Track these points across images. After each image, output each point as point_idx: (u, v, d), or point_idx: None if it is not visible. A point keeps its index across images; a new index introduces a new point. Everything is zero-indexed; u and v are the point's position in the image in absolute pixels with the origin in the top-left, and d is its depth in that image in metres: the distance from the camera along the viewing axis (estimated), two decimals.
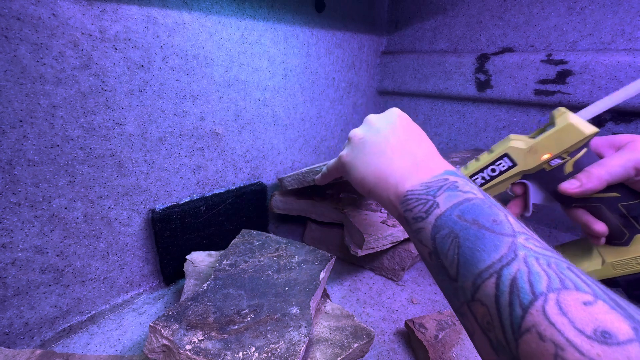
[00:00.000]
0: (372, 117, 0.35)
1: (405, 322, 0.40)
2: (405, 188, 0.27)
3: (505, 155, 0.33)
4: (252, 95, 0.54)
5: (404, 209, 0.26)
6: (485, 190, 0.35)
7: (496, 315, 0.17)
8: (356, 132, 0.34)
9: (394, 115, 0.34)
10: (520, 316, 0.16)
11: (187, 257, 0.44)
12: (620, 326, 0.14)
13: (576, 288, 0.16)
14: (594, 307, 0.15)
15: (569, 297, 0.15)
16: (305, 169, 0.53)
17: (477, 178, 0.35)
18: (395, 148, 0.30)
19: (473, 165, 0.35)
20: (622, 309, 0.15)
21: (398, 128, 0.32)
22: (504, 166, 0.34)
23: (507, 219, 0.21)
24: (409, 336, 0.40)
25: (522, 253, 0.18)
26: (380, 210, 0.51)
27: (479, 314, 0.18)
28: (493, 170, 0.34)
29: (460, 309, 0.21)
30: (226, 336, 0.27)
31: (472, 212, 0.22)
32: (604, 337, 0.14)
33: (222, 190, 0.53)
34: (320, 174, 0.42)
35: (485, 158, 0.35)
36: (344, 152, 0.35)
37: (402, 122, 0.33)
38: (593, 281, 0.17)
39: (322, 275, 0.36)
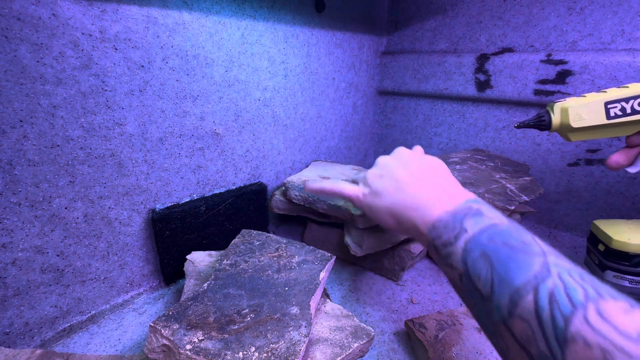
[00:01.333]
0: (383, 159, 0.37)
1: (405, 322, 0.40)
2: (432, 218, 0.28)
3: None
4: (252, 96, 0.54)
5: (433, 237, 0.27)
6: (617, 125, 0.33)
7: (538, 329, 0.18)
8: (374, 172, 0.36)
9: (403, 154, 0.36)
10: (563, 326, 0.17)
11: (187, 257, 0.44)
12: None
13: (612, 297, 0.17)
14: (634, 314, 0.16)
15: (608, 305, 0.17)
16: (315, 187, 0.52)
17: (615, 107, 0.33)
18: (414, 182, 0.32)
19: (615, 92, 0.33)
20: None
21: (410, 164, 0.34)
22: None
23: (535, 240, 0.22)
24: (409, 336, 0.40)
25: (555, 270, 0.19)
26: None
27: (517, 330, 0.19)
28: None
29: (493, 329, 0.21)
30: (226, 336, 0.27)
31: (500, 235, 0.23)
32: None
33: (222, 190, 0.53)
34: (320, 184, 0.40)
35: (638, 87, 0.32)
36: (364, 192, 0.36)
37: (412, 157, 0.35)
38: (626, 297, 0.18)
39: (322, 275, 0.36)
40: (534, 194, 0.48)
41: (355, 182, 0.42)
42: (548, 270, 0.19)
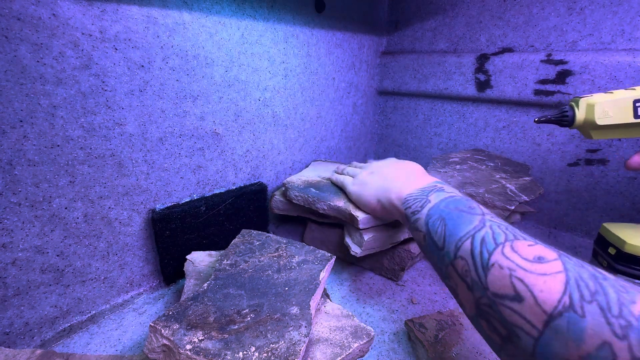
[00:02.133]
0: (374, 162, 0.48)
1: (405, 322, 0.40)
2: (405, 194, 0.36)
3: None
4: (252, 96, 0.54)
5: (405, 207, 0.35)
6: (637, 124, 0.34)
7: (471, 262, 0.24)
8: (366, 171, 0.46)
9: (390, 159, 0.47)
10: (487, 258, 0.23)
11: (187, 257, 0.44)
12: (549, 253, 0.22)
13: (524, 239, 0.24)
14: (535, 247, 0.22)
15: (519, 243, 0.23)
16: (312, 188, 0.52)
17: None
18: (396, 175, 0.41)
19: None
20: (551, 247, 0.23)
21: (393, 162, 0.45)
22: None
23: (479, 206, 0.29)
24: (409, 336, 0.40)
25: (489, 223, 0.26)
26: None
27: (459, 267, 0.25)
28: None
29: (446, 271, 0.27)
30: (226, 336, 0.27)
31: (454, 203, 0.30)
32: (539, 260, 0.21)
33: (222, 190, 0.53)
34: (335, 177, 0.53)
35: None
36: (353, 182, 0.47)
37: (396, 161, 0.46)
38: (536, 240, 0.24)
39: (322, 275, 0.36)
40: (534, 194, 0.48)
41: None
42: (483, 224, 0.26)
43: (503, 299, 0.21)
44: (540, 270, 0.20)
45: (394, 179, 0.39)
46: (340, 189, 0.51)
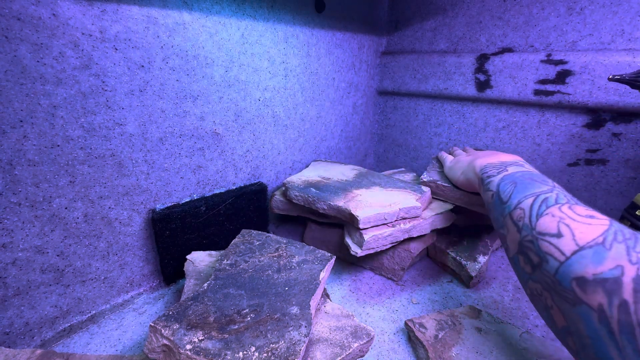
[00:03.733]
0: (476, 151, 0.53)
1: (405, 321, 0.40)
2: (485, 163, 0.41)
3: None
4: (252, 96, 0.54)
5: (482, 173, 0.40)
6: None
7: (528, 211, 0.28)
8: (462, 154, 0.52)
9: (493, 150, 0.54)
10: (544, 209, 0.27)
11: (188, 257, 0.44)
12: (602, 217, 0.25)
13: (585, 206, 0.27)
14: (593, 212, 0.26)
15: (578, 207, 0.27)
16: (313, 188, 0.52)
17: None
18: (484, 153, 0.46)
19: None
20: (610, 218, 0.25)
21: (492, 151, 0.49)
22: None
23: (553, 182, 0.32)
24: (409, 336, 0.40)
25: (556, 191, 0.29)
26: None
27: (515, 215, 0.30)
28: None
29: (502, 221, 0.31)
30: (226, 336, 0.27)
31: (530, 175, 0.33)
32: (590, 217, 0.25)
33: (222, 190, 0.53)
34: (442, 155, 0.60)
35: None
36: (451, 159, 0.54)
37: (496, 151, 0.52)
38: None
39: (322, 275, 0.36)
40: None
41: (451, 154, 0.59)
42: (551, 191, 0.29)
43: (544, 236, 0.26)
44: (586, 221, 0.24)
45: (481, 156, 0.44)
46: (342, 189, 0.52)
